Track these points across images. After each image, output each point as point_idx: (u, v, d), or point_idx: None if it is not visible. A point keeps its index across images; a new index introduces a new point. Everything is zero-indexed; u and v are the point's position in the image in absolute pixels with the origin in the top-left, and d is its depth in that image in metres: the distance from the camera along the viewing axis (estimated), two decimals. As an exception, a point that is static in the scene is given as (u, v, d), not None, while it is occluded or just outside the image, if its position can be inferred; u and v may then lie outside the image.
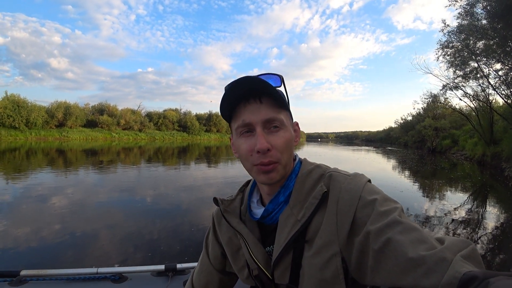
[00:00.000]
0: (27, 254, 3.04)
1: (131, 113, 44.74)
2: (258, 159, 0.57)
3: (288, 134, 0.59)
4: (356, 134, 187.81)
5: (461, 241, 0.42)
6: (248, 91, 0.57)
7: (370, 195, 0.53)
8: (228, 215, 0.69)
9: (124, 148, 23.76)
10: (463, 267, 0.37)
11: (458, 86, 15.63)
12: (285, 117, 0.60)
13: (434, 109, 32.04)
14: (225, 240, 0.73)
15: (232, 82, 0.57)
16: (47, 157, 14.34)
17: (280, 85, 0.62)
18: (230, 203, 0.72)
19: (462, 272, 0.36)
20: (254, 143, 0.57)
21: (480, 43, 13.09)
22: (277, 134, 0.58)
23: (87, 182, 7.59)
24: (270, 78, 0.62)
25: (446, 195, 7.21)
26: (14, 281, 1.22)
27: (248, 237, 0.64)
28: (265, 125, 0.58)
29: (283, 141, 0.58)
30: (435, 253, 0.40)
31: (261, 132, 0.57)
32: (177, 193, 6.32)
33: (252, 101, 0.57)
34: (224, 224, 0.73)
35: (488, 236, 4.11)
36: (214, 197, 0.72)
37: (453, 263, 0.38)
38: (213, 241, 0.78)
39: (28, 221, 4.15)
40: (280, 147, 0.58)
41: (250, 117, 0.58)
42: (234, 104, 0.59)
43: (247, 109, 0.58)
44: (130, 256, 3.07)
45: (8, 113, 30.52)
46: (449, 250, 0.40)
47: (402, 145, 44.76)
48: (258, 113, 0.57)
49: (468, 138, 20.89)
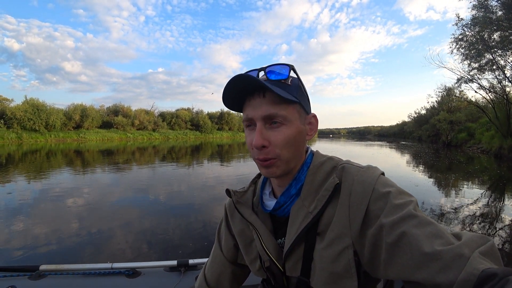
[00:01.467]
0: (47, 250, 3.19)
1: (145, 113, 45.57)
2: (256, 154, 0.58)
3: (292, 130, 0.58)
4: (368, 129, 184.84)
5: (480, 236, 0.41)
6: (252, 86, 0.57)
7: (384, 187, 0.52)
8: (241, 206, 0.69)
9: (139, 148, 24.16)
10: (481, 263, 0.36)
11: (474, 79, 15.35)
12: (291, 112, 0.58)
13: (448, 102, 31.39)
14: (238, 231, 0.73)
15: (233, 78, 0.55)
16: (66, 158, 14.81)
17: (287, 76, 0.59)
18: (242, 194, 0.73)
19: (481, 269, 0.35)
20: (253, 138, 0.58)
21: (495, 35, 12.86)
22: (278, 130, 0.57)
23: (103, 182, 7.84)
24: (278, 69, 0.59)
25: (463, 189, 7.20)
26: (33, 275, 1.27)
27: (261, 228, 0.65)
28: (266, 121, 0.57)
29: (283, 137, 0.57)
30: (452, 249, 0.39)
31: (260, 128, 0.57)
32: (190, 191, 6.42)
33: (256, 96, 0.57)
34: (237, 216, 0.74)
35: (507, 231, 4.15)
36: (227, 188, 0.72)
37: (470, 259, 0.37)
38: (226, 233, 0.78)
39: (47, 219, 4.35)
40: (279, 144, 0.57)
41: (252, 112, 0.58)
42: (241, 97, 0.60)
43: (250, 103, 0.58)
44: (144, 252, 3.18)
45: (28, 116, 31.63)
46: (467, 246, 0.39)
47: (416, 139, 43.97)
48: (259, 109, 0.57)
49: (485, 131, 20.45)
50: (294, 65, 0.60)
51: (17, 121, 30.95)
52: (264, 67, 0.60)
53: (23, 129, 31.61)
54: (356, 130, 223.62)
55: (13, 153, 17.33)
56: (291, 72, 0.60)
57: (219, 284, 0.78)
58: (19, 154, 16.77)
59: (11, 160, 13.16)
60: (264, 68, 0.60)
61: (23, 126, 31.50)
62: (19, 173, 9.28)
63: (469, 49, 14.06)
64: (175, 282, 1.30)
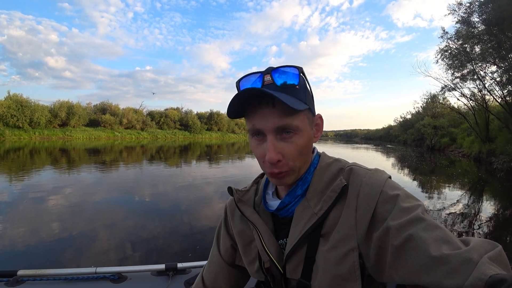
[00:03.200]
0: (25, 254, 3.04)
1: (133, 112, 45.03)
2: (269, 168, 0.56)
3: (304, 138, 0.56)
4: (356, 132, 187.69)
5: (488, 242, 0.41)
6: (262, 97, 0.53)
7: (392, 190, 0.52)
8: (242, 205, 0.68)
9: (127, 147, 23.92)
10: (490, 269, 0.36)
11: (456, 87, 16.24)
12: (302, 120, 0.55)
13: (433, 108, 32.49)
14: (237, 231, 0.72)
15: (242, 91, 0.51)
16: (50, 156, 14.51)
17: (298, 82, 0.55)
18: (244, 193, 0.71)
19: (489, 275, 0.35)
20: (265, 151, 0.55)
21: (477, 48, 13.81)
22: (290, 140, 0.55)
23: (88, 182, 7.64)
24: (288, 74, 0.55)
25: (445, 190, 7.59)
26: (10, 281, 1.19)
27: (262, 228, 0.63)
28: (277, 132, 0.54)
29: (296, 148, 0.55)
30: (460, 253, 0.38)
31: (272, 141, 0.54)
32: (177, 193, 6.32)
33: (264, 105, 0.53)
34: (237, 215, 0.73)
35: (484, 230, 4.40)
36: (229, 186, 0.71)
37: (479, 264, 0.36)
38: (224, 233, 0.77)
39: (26, 221, 4.16)
40: (293, 156, 0.55)
41: (261, 124, 0.54)
42: (245, 103, 0.55)
43: (258, 113, 0.54)
44: (130, 255, 3.09)
45: (12, 112, 30.70)
46: (475, 251, 0.38)
47: (402, 143, 45.08)
48: (270, 120, 0.53)
49: (466, 136, 21.36)
50: (302, 68, 0.56)
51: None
52: (269, 70, 0.56)
53: (6, 125, 30.67)
54: (343, 133, 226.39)
55: (-5, 150, 16.78)
56: (301, 75, 0.56)
57: (216, 285, 0.76)
58: (1, 151, 16.35)
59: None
60: (269, 70, 0.56)
61: (5, 122, 30.57)
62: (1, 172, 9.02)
63: (453, 60, 14.97)
64: (163, 287, 1.27)
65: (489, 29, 12.02)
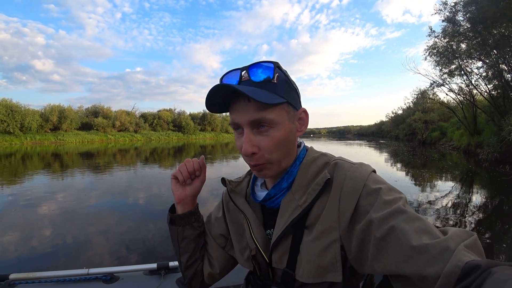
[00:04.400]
0: (17, 258, 3.05)
1: (126, 114, 44.70)
2: (247, 160, 0.59)
3: (281, 132, 0.57)
4: (348, 129, 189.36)
5: (464, 231, 0.43)
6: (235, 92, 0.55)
7: (375, 184, 0.53)
8: (234, 195, 0.71)
9: (121, 149, 23.77)
10: (466, 256, 0.37)
11: (445, 83, 16.74)
12: (279, 113, 0.56)
13: (423, 103, 33.06)
14: (231, 220, 0.75)
15: (213, 88, 0.54)
16: (43, 161, 14.30)
17: (272, 75, 0.56)
18: (237, 184, 0.75)
19: (465, 261, 0.36)
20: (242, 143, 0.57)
21: (463, 45, 14.34)
22: (266, 134, 0.56)
23: (80, 185, 7.59)
24: (261, 69, 0.57)
25: (437, 182, 7.82)
26: (3, 285, 1.21)
27: (251, 217, 0.66)
28: (253, 125, 0.56)
29: (272, 142, 0.56)
30: (439, 242, 0.40)
31: (247, 134, 0.56)
32: (170, 194, 6.33)
33: (241, 100, 0.56)
34: (231, 205, 0.75)
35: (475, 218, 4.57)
36: (222, 177, 0.74)
37: (455, 252, 0.38)
38: (218, 218, 0.80)
39: (18, 226, 4.16)
40: (268, 149, 0.57)
41: (238, 118, 0.57)
42: (226, 100, 0.59)
43: (235, 108, 0.57)
44: (122, 256, 3.11)
45: (1, 118, 30.25)
46: (452, 240, 0.40)
47: (394, 138, 45.66)
48: (245, 114, 0.56)
49: (455, 129, 21.87)
50: (279, 62, 0.58)
51: (-11, 123, 29.57)
52: (246, 67, 0.58)
53: (-4, 131, 30.25)
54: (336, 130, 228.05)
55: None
56: (276, 69, 0.57)
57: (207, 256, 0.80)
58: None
59: None
60: (246, 67, 0.58)
61: (-5, 128, 30.14)
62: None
63: (440, 57, 15.48)
64: (155, 286, 1.29)
65: (474, 27, 12.47)
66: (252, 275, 0.71)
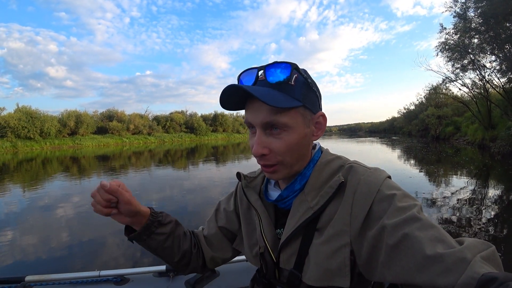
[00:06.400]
0: (34, 261, 3.18)
1: (139, 117, 45.66)
2: (258, 160, 0.59)
3: (294, 136, 0.56)
4: (359, 126, 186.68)
5: (481, 242, 0.41)
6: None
7: (389, 189, 0.52)
8: (248, 191, 0.71)
9: (135, 152, 24.25)
10: (482, 268, 0.36)
11: (458, 77, 16.67)
12: (293, 117, 0.55)
13: (436, 98, 32.60)
14: (244, 214, 0.75)
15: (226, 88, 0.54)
16: (62, 165, 14.65)
17: (288, 77, 0.55)
18: (252, 180, 0.74)
19: (481, 273, 0.35)
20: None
21: (475, 39, 14.28)
22: (279, 137, 0.56)
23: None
24: (278, 71, 0.56)
25: (452, 178, 7.76)
26: (18, 287, 1.24)
27: (263, 215, 0.66)
28: (266, 127, 0.56)
29: (284, 145, 0.56)
30: (454, 252, 0.38)
31: (259, 135, 0.56)
32: (183, 196, 6.38)
33: (256, 100, 0.55)
34: (245, 200, 0.74)
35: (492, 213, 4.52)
36: (238, 172, 0.74)
37: (472, 263, 0.36)
38: (228, 212, 0.79)
39: (36, 230, 4.30)
40: (280, 151, 0.56)
41: (251, 117, 0.57)
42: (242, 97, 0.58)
43: (250, 107, 0.57)
44: (133, 259, 3.20)
45: (23, 124, 31.39)
46: (469, 250, 0.38)
47: (406, 134, 45.09)
48: (259, 115, 0.55)
49: (470, 124, 21.60)
50: (297, 63, 0.56)
51: (11, 130, 30.69)
52: (264, 66, 0.57)
53: (18, 137, 31.34)
54: (347, 127, 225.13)
55: (8, 162, 17.24)
56: (294, 71, 0.56)
57: (208, 241, 0.79)
58: (14, 163, 16.69)
59: (6, 170, 13.14)
60: (264, 67, 0.57)
61: (17, 134, 31.20)
62: (13, 182, 9.27)
63: (452, 52, 15.48)
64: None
65: (486, 21, 12.43)
66: (258, 273, 0.70)
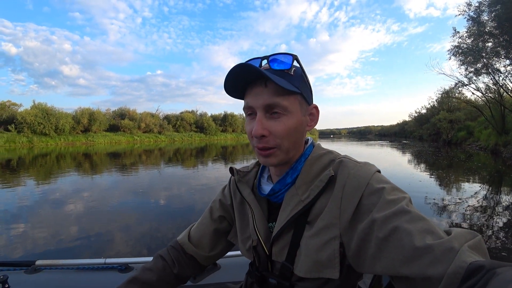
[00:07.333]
0: (45, 249, 3.37)
1: (150, 116, 46.37)
2: (256, 143, 0.59)
3: (293, 120, 0.58)
4: (369, 129, 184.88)
5: (468, 232, 0.43)
6: (254, 74, 0.56)
7: (378, 183, 0.53)
8: (241, 185, 0.72)
9: (146, 150, 24.53)
10: (470, 257, 0.37)
11: (471, 82, 16.50)
12: (292, 103, 0.58)
13: (448, 102, 32.15)
14: (237, 208, 0.76)
15: (235, 66, 0.55)
16: (75, 161, 14.97)
17: (290, 66, 0.58)
18: (245, 174, 0.75)
19: (469, 262, 0.36)
20: (253, 127, 0.58)
21: (489, 43, 14.21)
22: (278, 120, 0.57)
23: (107, 184, 8.01)
24: (281, 59, 0.59)
25: (463, 183, 7.62)
26: (29, 270, 1.29)
27: (256, 209, 0.67)
28: (267, 110, 0.57)
29: (284, 127, 0.57)
30: (443, 243, 0.40)
31: (260, 117, 0.57)
32: (191, 194, 6.39)
33: (258, 84, 0.57)
34: (238, 194, 0.75)
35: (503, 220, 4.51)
36: (231, 166, 0.75)
37: (459, 252, 0.38)
38: (226, 205, 0.80)
39: (49, 219, 4.53)
40: (279, 134, 0.57)
41: (253, 101, 0.58)
42: (243, 85, 0.60)
43: (251, 92, 0.59)
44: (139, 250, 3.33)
45: (38, 120, 32.37)
46: (456, 240, 0.40)
47: (417, 138, 44.45)
48: (260, 98, 0.57)
49: (483, 129, 21.21)
50: (297, 55, 0.59)
51: (28, 126, 31.67)
52: (267, 56, 0.60)
53: (34, 133, 32.29)
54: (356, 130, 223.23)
55: (24, 156, 17.77)
56: (295, 62, 0.59)
57: (199, 244, 0.79)
58: (30, 157, 17.17)
59: (22, 164, 13.50)
60: (267, 56, 0.60)
61: (33, 130, 32.17)
62: (28, 176, 9.57)
63: (465, 56, 15.33)
64: None
65: (500, 25, 12.35)
66: (251, 267, 0.71)
